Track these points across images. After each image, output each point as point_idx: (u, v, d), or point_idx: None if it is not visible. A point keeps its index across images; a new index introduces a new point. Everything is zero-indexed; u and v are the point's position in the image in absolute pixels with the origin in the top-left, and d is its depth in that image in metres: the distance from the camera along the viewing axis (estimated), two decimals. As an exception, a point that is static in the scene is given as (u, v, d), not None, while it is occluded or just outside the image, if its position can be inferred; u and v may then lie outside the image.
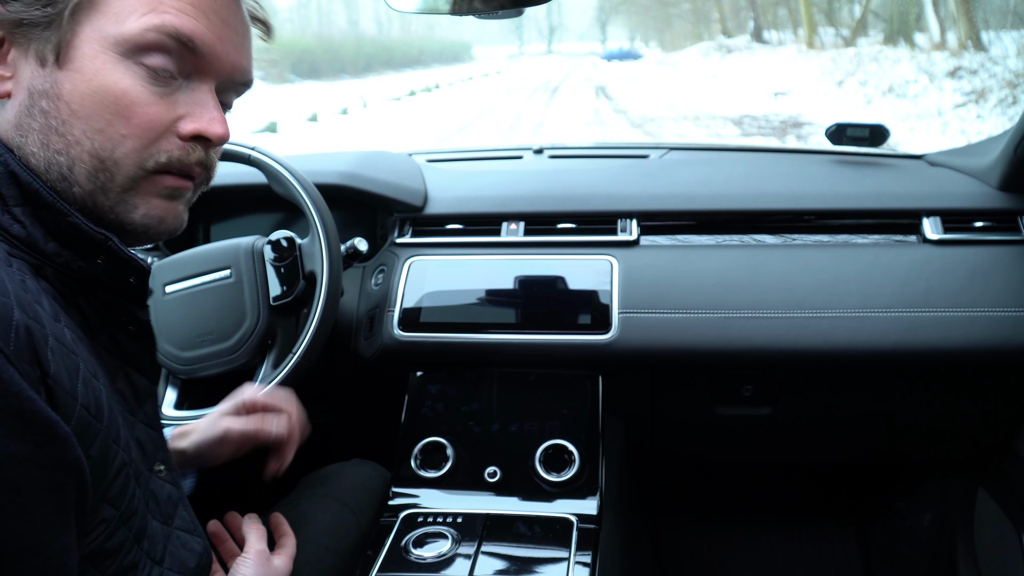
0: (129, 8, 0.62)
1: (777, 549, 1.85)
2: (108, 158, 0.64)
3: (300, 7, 71.89)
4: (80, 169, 0.63)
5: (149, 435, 0.75)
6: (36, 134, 0.62)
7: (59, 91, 0.62)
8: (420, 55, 57.99)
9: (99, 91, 0.62)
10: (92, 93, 0.62)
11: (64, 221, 0.62)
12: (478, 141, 11.52)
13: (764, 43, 29.13)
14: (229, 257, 1.31)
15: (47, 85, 0.62)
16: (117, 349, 0.71)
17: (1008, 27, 12.96)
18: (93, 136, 0.63)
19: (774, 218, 1.46)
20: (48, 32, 0.61)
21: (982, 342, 1.27)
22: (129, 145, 0.64)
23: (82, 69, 0.62)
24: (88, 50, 0.62)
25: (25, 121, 0.63)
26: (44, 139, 0.62)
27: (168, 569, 0.72)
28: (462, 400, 1.31)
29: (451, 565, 1.03)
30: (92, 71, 0.62)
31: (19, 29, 0.61)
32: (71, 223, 0.62)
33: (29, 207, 0.62)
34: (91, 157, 0.63)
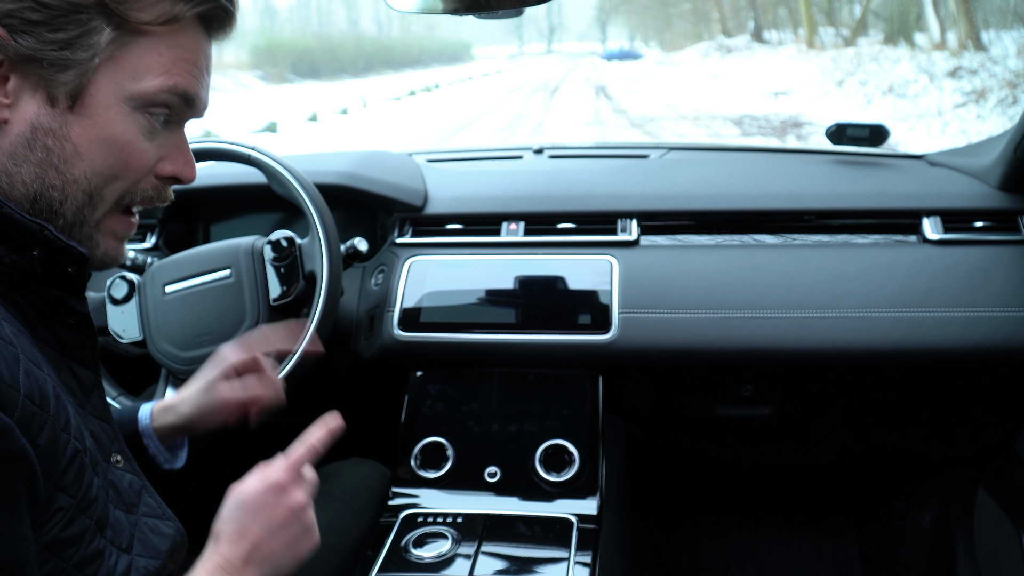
0: (146, 67, 0.66)
1: (777, 549, 1.85)
2: (96, 195, 0.67)
3: (300, 7, 71.93)
4: (71, 204, 0.66)
5: (101, 427, 0.75)
6: (32, 166, 0.65)
7: (67, 132, 0.65)
8: (420, 55, 58.00)
9: (108, 139, 0.66)
10: (101, 140, 0.66)
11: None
12: (478, 141, 11.52)
13: (764, 43, 29.13)
14: (229, 257, 1.31)
15: (55, 125, 0.64)
16: (57, 343, 0.71)
17: (1008, 27, 12.96)
18: (92, 177, 0.66)
19: (774, 218, 1.46)
20: (64, 76, 0.63)
21: (982, 342, 1.27)
22: (119, 185, 0.68)
23: (94, 116, 0.65)
24: (103, 100, 0.65)
25: (22, 152, 0.64)
26: (40, 172, 0.65)
27: (138, 556, 0.72)
28: (462, 400, 1.31)
29: (451, 565, 1.03)
30: (104, 120, 0.65)
31: (27, 64, 0.63)
32: (4, 213, 0.63)
33: None
34: (84, 194, 0.67)
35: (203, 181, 1.56)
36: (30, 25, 0.62)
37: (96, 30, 0.63)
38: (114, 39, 0.64)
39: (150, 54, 0.66)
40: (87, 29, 0.63)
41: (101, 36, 0.64)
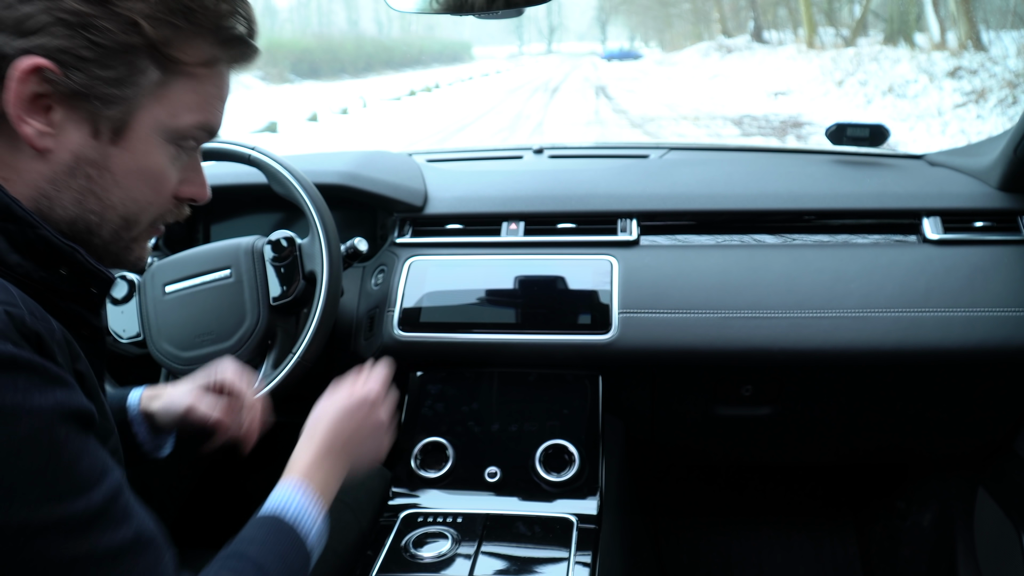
0: (183, 105, 0.70)
1: (777, 549, 1.85)
2: (133, 219, 0.72)
3: (300, 7, 71.93)
4: (108, 227, 0.71)
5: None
6: (73, 192, 0.68)
7: (107, 163, 0.68)
8: (420, 55, 57.99)
9: (144, 169, 0.70)
10: (137, 170, 0.70)
11: (33, 233, 0.66)
12: (478, 141, 11.52)
13: (764, 43, 29.13)
14: (229, 257, 1.31)
15: (97, 156, 0.68)
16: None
17: (1008, 27, 12.97)
18: (128, 203, 0.71)
19: (774, 218, 1.46)
20: (109, 111, 0.66)
21: (982, 342, 1.27)
22: (152, 210, 0.74)
23: (133, 149, 0.69)
24: (143, 134, 0.69)
25: (63, 179, 0.68)
26: (80, 198, 0.69)
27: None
28: (462, 400, 1.31)
29: (451, 565, 1.03)
30: (142, 152, 0.69)
31: (75, 97, 0.65)
32: (41, 235, 0.66)
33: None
34: (120, 218, 0.71)
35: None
36: (82, 62, 0.64)
37: (143, 70, 0.67)
38: (158, 79, 0.68)
39: (188, 93, 0.70)
40: (135, 69, 0.66)
41: (147, 76, 0.67)
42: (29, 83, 0.63)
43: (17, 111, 0.63)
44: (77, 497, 0.59)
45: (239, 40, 0.72)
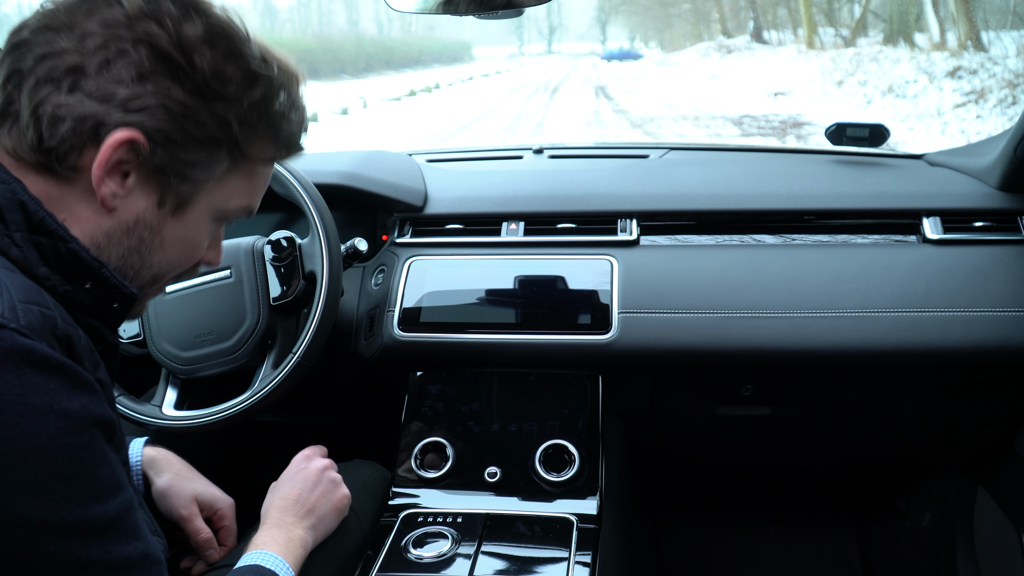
0: (237, 191, 0.78)
1: (777, 549, 1.85)
2: (161, 276, 0.79)
3: (300, 7, 71.92)
4: (139, 281, 0.77)
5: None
6: (123, 248, 0.74)
7: (161, 229, 0.74)
8: (420, 55, 57.97)
9: (189, 239, 0.77)
10: (183, 240, 0.77)
11: (64, 247, 0.70)
12: (478, 141, 11.52)
13: (764, 43, 29.13)
14: (229, 257, 1.31)
15: (155, 222, 0.74)
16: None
17: (1008, 27, 12.97)
18: (163, 264, 0.77)
19: (774, 218, 1.46)
20: (180, 188, 0.73)
21: (982, 342, 1.27)
22: (178, 270, 0.80)
23: (187, 222, 0.76)
24: (199, 211, 0.76)
25: (119, 236, 0.73)
26: (127, 254, 0.74)
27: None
28: (462, 400, 1.31)
29: (451, 565, 1.03)
30: (192, 224, 0.76)
31: (153, 170, 0.71)
32: (71, 250, 0.70)
33: (29, 232, 0.68)
34: (152, 276, 0.78)
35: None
36: (170, 144, 0.70)
37: (219, 160, 0.74)
38: (227, 166, 0.75)
39: (243, 181, 0.78)
40: (213, 158, 0.73)
41: (223, 166, 0.74)
42: (119, 151, 0.68)
43: (100, 173, 0.68)
44: (95, 503, 0.61)
45: (294, 140, 0.80)
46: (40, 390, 0.59)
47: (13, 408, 0.58)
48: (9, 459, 0.57)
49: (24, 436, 0.57)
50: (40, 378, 0.59)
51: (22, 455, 0.57)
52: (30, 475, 0.58)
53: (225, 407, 1.22)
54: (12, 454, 0.57)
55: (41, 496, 0.58)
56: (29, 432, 0.58)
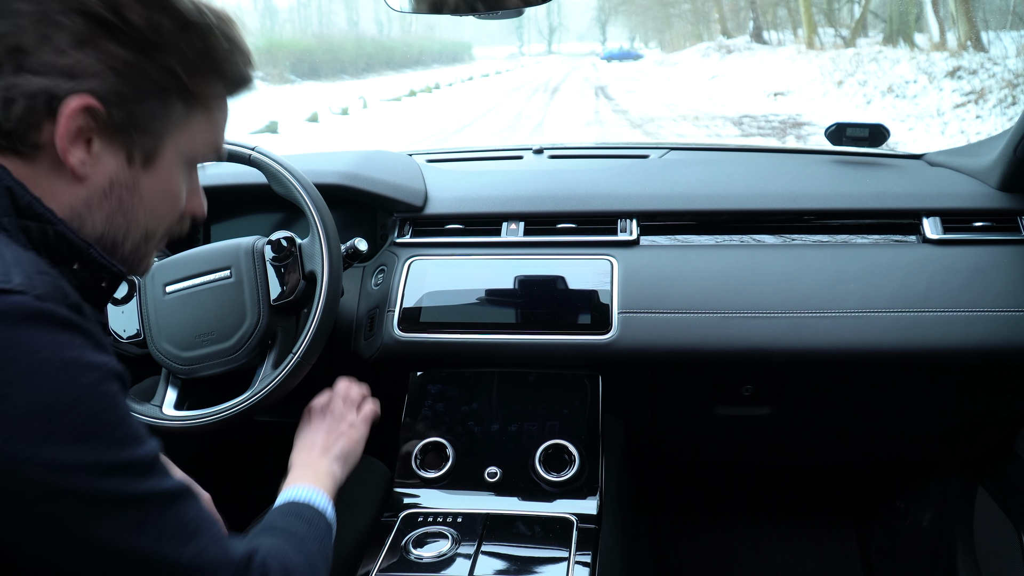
0: (199, 132, 0.79)
1: (777, 549, 1.85)
2: (152, 233, 0.81)
3: (300, 7, 71.91)
4: (130, 241, 0.79)
5: None
6: (105, 212, 0.75)
7: (137, 186, 0.76)
8: (420, 55, 57.94)
9: (166, 190, 0.79)
10: (161, 191, 0.78)
11: (52, 230, 0.72)
12: (478, 141, 11.52)
13: (764, 43, 29.13)
14: (229, 257, 1.31)
15: (130, 180, 0.75)
16: None
17: (1008, 27, 12.98)
18: (149, 219, 0.79)
19: (774, 218, 1.46)
20: (144, 140, 0.75)
21: (982, 342, 1.27)
22: (166, 223, 0.82)
23: (159, 173, 0.77)
24: (168, 159, 0.78)
25: (97, 201, 0.74)
26: (110, 216, 0.76)
27: None
28: (462, 400, 1.32)
29: (451, 565, 1.03)
30: (166, 175, 0.78)
31: (114, 131, 0.72)
32: (59, 232, 0.72)
33: (17, 217, 0.70)
34: (141, 233, 0.79)
35: (203, 181, 1.56)
36: (123, 102, 0.72)
37: (173, 105, 0.76)
38: (183, 111, 0.77)
39: (203, 121, 0.79)
40: (167, 105, 0.75)
41: (175, 110, 0.76)
42: (76, 119, 0.70)
43: (64, 144, 0.70)
44: (136, 446, 0.66)
45: (245, 80, 0.82)
46: (69, 346, 0.63)
47: (49, 363, 0.61)
48: (55, 411, 0.60)
49: (65, 388, 0.61)
50: (66, 336, 0.63)
51: (66, 406, 0.61)
52: (76, 424, 0.61)
53: (225, 407, 1.22)
54: (57, 406, 0.60)
55: (89, 442, 0.62)
56: (69, 384, 0.61)
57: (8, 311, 0.61)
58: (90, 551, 0.62)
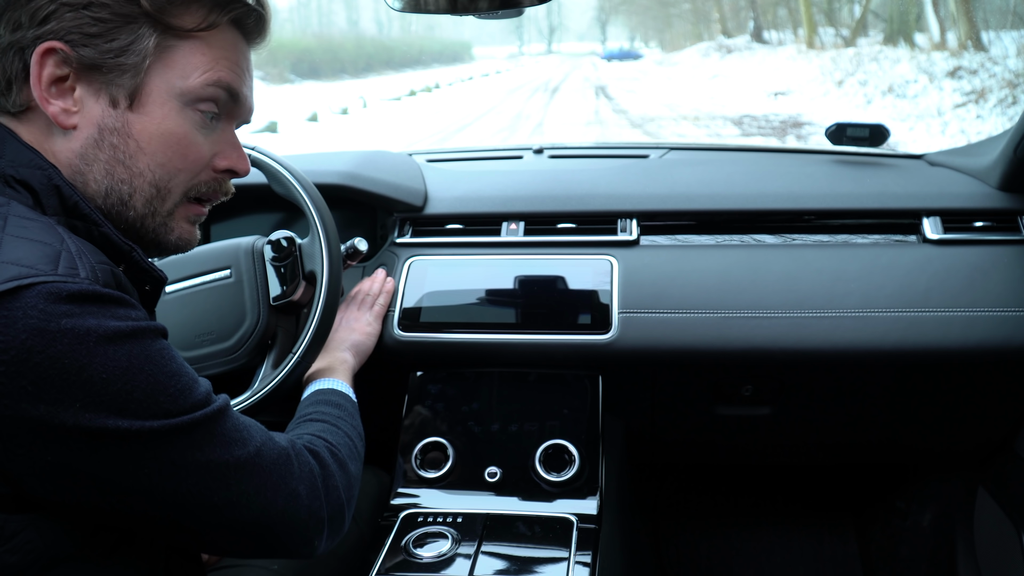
0: (192, 66, 0.75)
1: (777, 549, 1.85)
2: (164, 187, 0.77)
3: (300, 7, 71.90)
4: (139, 196, 0.76)
5: None
6: (102, 164, 0.74)
7: (129, 130, 0.74)
8: (420, 55, 57.94)
9: (165, 133, 0.75)
10: (159, 134, 0.75)
11: (96, 231, 0.73)
12: (478, 141, 11.52)
13: (764, 43, 29.13)
14: (229, 257, 1.31)
15: (118, 124, 0.73)
16: None
17: (1008, 27, 12.97)
18: (155, 169, 0.76)
19: (774, 218, 1.46)
20: (121, 79, 0.73)
21: (982, 342, 1.27)
22: (182, 177, 0.78)
23: (151, 113, 0.74)
24: (157, 98, 0.74)
25: (92, 152, 0.73)
26: (110, 168, 0.74)
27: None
28: (462, 400, 1.31)
29: (451, 565, 1.03)
30: (160, 116, 0.75)
31: (89, 72, 0.71)
32: (103, 232, 0.73)
33: (65, 216, 0.71)
34: (150, 186, 0.76)
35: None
36: (88, 38, 0.70)
37: (144, 36, 0.72)
38: (160, 43, 0.73)
39: (194, 55, 0.75)
40: (136, 36, 0.72)
41: (149, 41, 0.73)
42: (47, 65, 0.70)
43: (41, 93, 0.70)
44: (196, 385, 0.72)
45: (235, 1, 0.77)
46: (125, 317, 0.66)
47: (119, 330, 0.65)
48: (131, 371, 0.65)
49: (135, 350, 0.66)
50: (123, 310, 0.67)
51: (139, 365, 0.66)
52: (150, 379, 0.66)
53: (225, 407, 1.21)
54: (132, 366, 0.65)
55: (164, 391, 0.67)
56: (139, 347, 0.66)
57: (78, 292, 0.64)
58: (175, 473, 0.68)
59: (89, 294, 0.64)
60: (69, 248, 0.67)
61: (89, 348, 0.63)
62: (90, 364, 0.63)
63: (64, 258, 0.65)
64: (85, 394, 0.63)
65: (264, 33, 0.82)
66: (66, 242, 0.67)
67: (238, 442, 0.74)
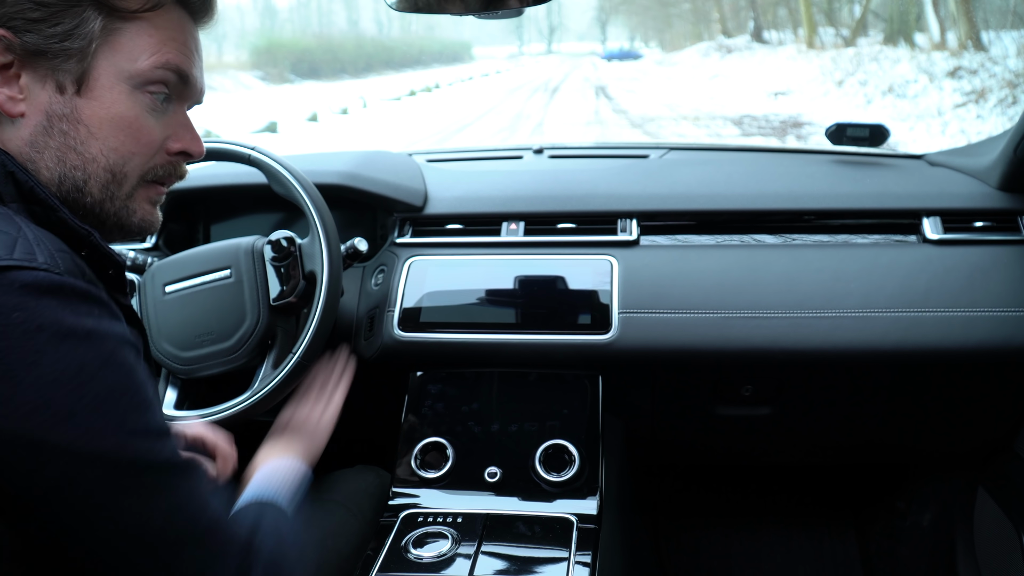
0: (139, 49, 0.74)
1: (777, 549, 1.85)
2: (119, 172, 0.75)
3: (300, 7, 71.91)
4: (94, 182, 0.74)
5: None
6: (53, 151, 0.72)
7: (79, 116, 0.72)
8: (420, 55, 57.95)
9: (115, 117, 0.74)
10: (109, 119, 0.73)
11: (55, 216, 0.71)
12: (478, 141, 11.52)
13: (764, 43, 29.13)
14: (229, 257, 1.31)
15: (67, 110, 0.72)
16: None
17: (1008, 27, 12.96)
18: (108, 154, 0.74)
19: (774, 218, 1.46)
20: (67, 64, 0.71)
21: (982, 342, 1.27)
22: (136, 161, 0.76)
23: (100, 98, 0.73)
24: (105, 82, 0.73)
25: (41, 140, 0.72)
26: (61, 155, 0.72)
27: None
28: (462, 400, 1.31)
29: (451, 565, 1.03)
30: (110, 100, 0.73)
31: (34, 58, 0.70)
32: (60, 218, 0.71)
33: (23, 203, 0.70)
34: (105, 171, 0.74)
35: (203, 181, 1.56)
36: (32, 23, 0.69)
37: (89, 19, 0.71)
38: (105, 26, 0.72)
39: (141, 36, 0.74)
40: (81, 19, 0.70)
41: (94, 24, 0.71)
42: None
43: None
44: (155, 411, 0.67)
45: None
46: (89, 315, 0.64)
47: (75, 331, 0.62)
48: (81, 376, 0.62)
49: (90, 355, 0.62)
50: (86, 306, 0.64)
51: (91, 371, 0.62)
52: (102, 388, 0.63)
53: (225, 407, 1.22)
54: (83, 372, 0.62)
55: (114, 405, 0.63)
56: (93, 351, 0.63)
57: (34, 283, 0.61)
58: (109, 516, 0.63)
59: (46, 285, 0.62)
60: (27, 236, 0.64)
61: (39, 346, 0.60)
62: (38, 363, 0.60)
63: (20, 244, 0.63)
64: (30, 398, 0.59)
65: (210, 11, 0.81)
66: (23, 230, 0.65)
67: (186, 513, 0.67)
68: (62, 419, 0.60)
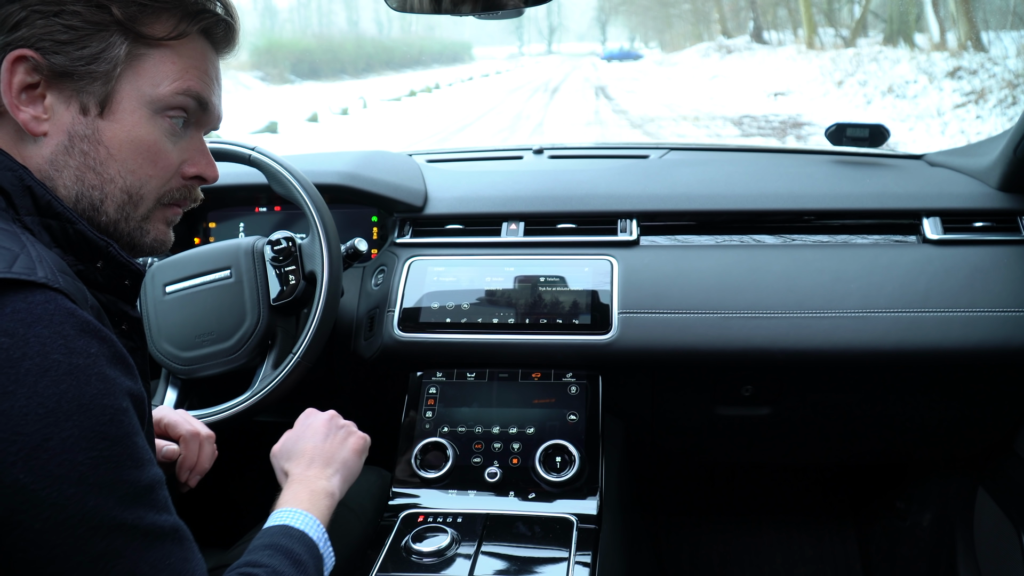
0: (162, 75, 0.75)
1: (777, 549, 1.85)
2: (135, 193, 0.77)
3: (300, 7, 71.91)
4: (111, 202, 0.76)
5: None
6: (72, 170, 0.73)
7: (100, 137, 0.74)
8: (420, 55, 57.94)
9: (135, 140, 0.75)
10: (129, 141, 0.75)
11: (72, 228, 0.72)
12: (478, 141, 11.52)
13: (764, 43, 29.12)
14: (229, 257, 1.31)
15: (89, 131, 0.73)
16: None
17: (1008, 27, 12.96)
18: (126, 175, 0.75)
19: (774, 218, 1.46)
20: (93, 86, 0.72)
21: (982, 342, 1.27)
22: (153, 184, 0.78)
23: (122, 121, 0.74)
24: (128, 105, 0.74)
25: (62, 159, 0.73)
26: (80, 175, 0.74)
27: None
28: (462, 400, 1.32)
29: (451, 565, 1.03)
30: (130, 123, 0.75)
31: (60, 79, 0.71)
32: (78, 230, 0.72)
33: (39, 216, 0.70)
34: (122, 192, 0.76)
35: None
36: (60, 45, 0.70)
37: (115, 44, 0.72)
38: (131, 51, 0.73)
39: (164, 63, 0.76)
40: (108, 44, 0.72)
41: (120, 49, 0.73)
42: (17, 73, 0.70)
43: (11, 100, 0.70)
44: (131, 468, 0.63)
45: (204, 12, 0.78)
46: (83, 353, 0.62)
47: (59, 367, 0.60)
48: (55, 415, 0.59)
49: (69, 394, 0.60)
50: (83, 341, 0.62)
51: (67, 412, 0.59)
52: (74, 431, 0.59)
53: (225, 407, 1.22)
54: (59, 410, 0.59)
55: (84, 452, 0.60)
56: (74, 391, 0.60)
57: (27, 309, 0.60)
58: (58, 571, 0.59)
59: (39, 313, 0.60)
60: (30, 253, 0.64)
61: (19, 376, 0.58)
62: (14, 394, 0.57)
63: (22, 260, 0.62)
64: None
65: (233, 43, 0.82)
66: (27, 248, 0.64)
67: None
68: (24, 457, 0.57)
